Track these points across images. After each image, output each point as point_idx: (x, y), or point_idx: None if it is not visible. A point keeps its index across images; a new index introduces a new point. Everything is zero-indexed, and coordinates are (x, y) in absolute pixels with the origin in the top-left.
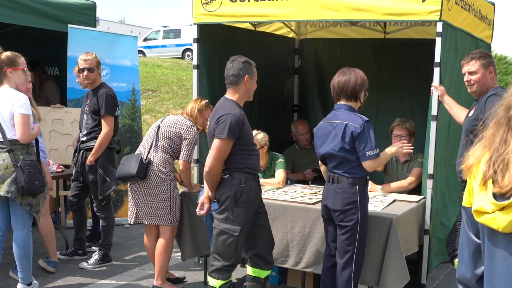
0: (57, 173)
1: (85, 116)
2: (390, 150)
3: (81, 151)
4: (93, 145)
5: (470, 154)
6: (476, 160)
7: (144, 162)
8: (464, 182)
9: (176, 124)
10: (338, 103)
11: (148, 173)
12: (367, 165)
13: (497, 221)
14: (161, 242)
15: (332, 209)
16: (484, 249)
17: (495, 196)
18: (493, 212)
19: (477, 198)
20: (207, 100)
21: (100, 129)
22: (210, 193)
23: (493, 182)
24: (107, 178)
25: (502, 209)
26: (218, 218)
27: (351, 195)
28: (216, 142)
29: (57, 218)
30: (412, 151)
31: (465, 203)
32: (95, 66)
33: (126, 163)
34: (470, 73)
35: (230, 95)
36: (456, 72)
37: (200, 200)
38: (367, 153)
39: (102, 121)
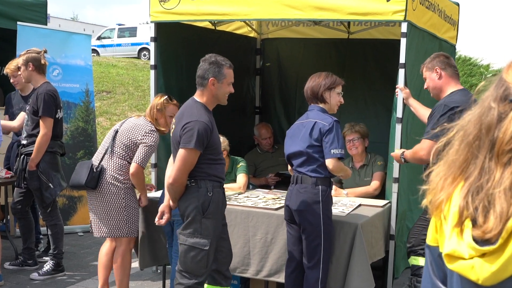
0: (5, 179)
1: (27, 117)
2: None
3: (22, 156)
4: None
5: (434, 184)
6: (446, 195)
7: (95, 171)
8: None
9: (134, 129)
10: (311, 104)
11: (101, 182)
12: (331, 163)
13: (477, 270)
14: (117, 254)
15: (294, 210)
16: None
17: (475, 239)
18: (471, 258)
19: (450, 239)
20: (166, 97)
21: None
22: (171, 203)
23: (471, 221)
24: (49, 184)
25: (483, 255)
26: (184, 233)
27: (313, 196)
28: (182, 152)
29: (5, 226)
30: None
31: (430, 240)
32: (22, 64)
33: (79, 170)
34: (425, 79)
35: (198, 97)
36: (418, 73)
37: (160, 209)
38: (332, 150)
39: (40, 122)
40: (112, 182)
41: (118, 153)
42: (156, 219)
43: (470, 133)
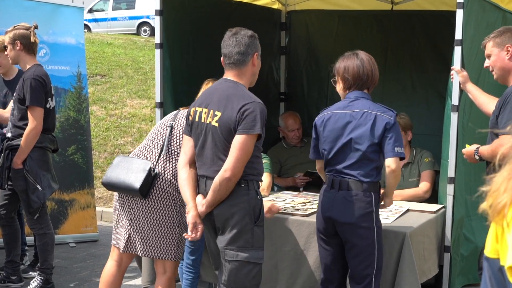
0: None
1: (13, 105)
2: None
3: (6, 151)
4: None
5: (496, 185)
6: (510, 198)
7: (151, 174)
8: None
9: None
10: (351, 91)
11: (155, 190)
12: (394, 163)
13: None
14: (161, 283)
15: (341, 222)
16: None
17: None
18: None
19: None
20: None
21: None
22: (204, 208)
23: None
24: (37, 186)
25: None
26: (232, 247)
27: (366, 205)
28: (242, 139)
29: None
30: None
31: (489, 252)
32: (8, 42)
33: (124, 168)
34: (488, 56)
35: (234, 77)
36: (478, 51)
37: (190, 220)
38: (396, 148)
39: (28, 113)
40: (170, 191)
41: (178, 154)
42: (189, 232)
43: None
